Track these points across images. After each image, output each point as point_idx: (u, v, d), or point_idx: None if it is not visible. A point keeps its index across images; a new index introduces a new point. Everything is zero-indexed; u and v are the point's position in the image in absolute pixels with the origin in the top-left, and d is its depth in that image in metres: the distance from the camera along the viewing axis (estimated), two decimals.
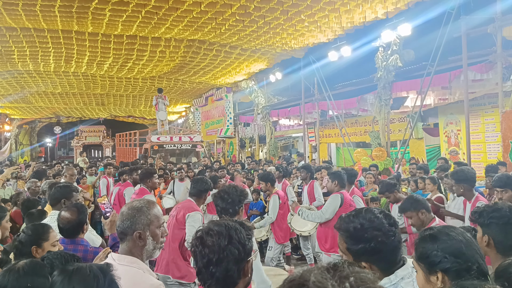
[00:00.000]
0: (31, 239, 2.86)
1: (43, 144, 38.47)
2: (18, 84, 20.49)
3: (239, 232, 1.78)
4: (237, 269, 1.73)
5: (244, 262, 1.75)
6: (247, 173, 11.19)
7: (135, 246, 2.32)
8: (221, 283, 1.74)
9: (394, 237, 1.94)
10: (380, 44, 12.12)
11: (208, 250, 1.74)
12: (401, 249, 2.01)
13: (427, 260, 1.82)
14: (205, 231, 1.80)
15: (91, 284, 1.65)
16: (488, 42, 9.83)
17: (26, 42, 13.90)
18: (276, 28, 12.59)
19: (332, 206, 5.51)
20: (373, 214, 2.00)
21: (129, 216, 2.33)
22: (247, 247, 1.77)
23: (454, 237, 1.81)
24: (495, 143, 11.31)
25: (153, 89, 21.29)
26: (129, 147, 21.39)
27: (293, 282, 0.94)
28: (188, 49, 14.93)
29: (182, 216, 4.46)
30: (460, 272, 1.74)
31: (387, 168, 11.31)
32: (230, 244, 1.73)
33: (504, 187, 4.26)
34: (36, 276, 2.04)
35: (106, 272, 1.72)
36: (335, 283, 0.90)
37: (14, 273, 2.02)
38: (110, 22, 12.09)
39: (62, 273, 1.70)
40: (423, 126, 14.14)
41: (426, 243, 1.85)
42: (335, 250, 5.56)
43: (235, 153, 23.33)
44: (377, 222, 1.95)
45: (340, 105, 14.64)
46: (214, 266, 1.72)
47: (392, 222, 1.98)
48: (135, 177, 7.69)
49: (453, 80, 10.61)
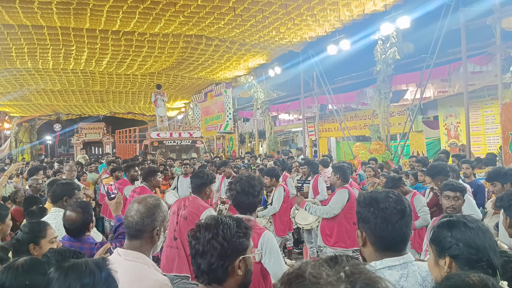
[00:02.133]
0: (28, 237, 2.85)
1: (43, 142, 38.47)
2: (17, 82, 20.46)
3: (226, 228, 1.78)
4: (222, 265, 1.74)
5: (230, 259, 1.75)
6: (246, 168, 11.18)
7: (148, 243, 2.34)
8: (206, 276, 1.76)
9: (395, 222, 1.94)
10: (379, 37, 12.09)
11: (195, 241, 1.79)
12: (404, 241, 1.99)
13: (439, 244, 1.84)
14: (198, 224, 1.84)
15: (88, 280, 1.64)
16: (487, 34, 9.80)
17: (24, 39, 13.86)
18: (274, 22, 12.56)
19: (340, 201, 5.54)
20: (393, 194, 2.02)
21: (149, 214, 2.33)
22: (234, 244, 1.77)
23: (471, 227, 1.82)
24: (495, 135, 11.32)
25: (152, 85, 21.27)
26: (129, 144, 21.42)
27: (291, 274, 0.96)
28: (187, 45, 14.90)
29: (195, 216, 4.17)
30: (469, 261, 1.75)
31: (386, 161, 11.31)
32: (214, 238, 1.75)
33: (494, 180, 4.47)
34: (35, 273, 2.04)
35: (102, 267, 1.71)
36: (330, 273, 0.92)
37: (13, 271, 2.01)
38: (108, 18, 12.07)
39: (58, 270, 1.69)
40: (423, 119, 14.13)
41: (442, 228, 1.87)
42: (340, 245, 5.58)
43: (235, 149, 23.33)
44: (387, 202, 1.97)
45: (340, 99, 14.62)
46: (200, 257, 1.76)
47: (401, 209, 1.96)
48: (133, 174, 7.68)
49: (452, 73, 10.60)
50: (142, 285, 2.14)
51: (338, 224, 5.60)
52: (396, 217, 1.93)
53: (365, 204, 2.00)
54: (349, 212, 5.56)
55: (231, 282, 1.77)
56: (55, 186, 4.19)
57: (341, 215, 5.57)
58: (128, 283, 2.13)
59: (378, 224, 1.93)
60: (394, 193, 2.03)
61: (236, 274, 1.77)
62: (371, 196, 2.02)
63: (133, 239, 2.32)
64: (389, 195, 2.00)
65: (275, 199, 6.57)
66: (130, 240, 2.33)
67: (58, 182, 4.27)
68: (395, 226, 1.93)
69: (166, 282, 2.21)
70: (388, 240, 1.95)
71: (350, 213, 5.57)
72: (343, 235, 5.58)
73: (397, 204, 1.95)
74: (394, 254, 1.96)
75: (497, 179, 4.38)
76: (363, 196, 2.05)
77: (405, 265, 1.93)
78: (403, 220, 1.94)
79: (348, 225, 5.59)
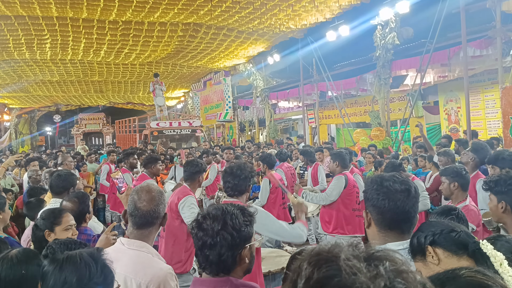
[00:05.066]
0: (45, 223, 2.92)
1: (43, 133, 38.47)
2: (15, 73, 20.38)
3: (234, 218, 1.77)
4: (232, 254, 1.73)
5: (239, 248, 1.75)
6: (248, 156, 11.17)
7: (156, 230, 2.38)
8: (215, 267, 1.75)
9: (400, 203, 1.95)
10: (378, 22, 11.99)
11: (202, 233, 1.76)
12: (407, 222, 1.99)
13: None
14: (202, 215, 1.82)
15: (83, 272, 1.62)
16: (487, 17, 9.71)
17: (21, 30, 13.78)
18: (273, 9, 12.44)
19: (337, 188, 5.51)
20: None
21: (160, 200, 2.36)
22: (243, 233, 1.76)
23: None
24: (495, 119, 11.28)
25: (150, 75, 21.18)
26: (129, 134, 21.42)
27: (320, 255, 0.85)
28: (185, 33, 14.80)
29: (175, 205, 4.29)
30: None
31: (387, 147, 11.30)
32: (224, 229, 1.73)
33: (493, 163, 4.41)
34: (29, 264, 2.04)
35: (97, 258, 1.70)
36: (367, 264, 0.81)
37: (8, 261, 2.02)
38: (105, 7, 11.97)
39: (53, 263, 1.68)
40: (423, 104, 14.08)
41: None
42: (339, 231, 5.59)
43: (235, 137, 23.31)
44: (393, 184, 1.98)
45: (339, 86, 14.55)
46: (208, 249, 1.74)
47: (405, 188, 1.96)
48: (132, 162, 7.76)
49: (452, 57, 10.53)
50: (147, 273, 2.15)
51: (337, 210, 5.58)
52: (400, 195, 1.93)
53: (371, 183, 2.02)
54: (348, 198, 5.56)
55: (238, 270, 1.79)
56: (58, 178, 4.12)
57: (339, 201, 5.55)
58: (133, 272, 2.15)
59: (380, 201, 1.94)
60: (401, 175, 2.04)
61: (243, 262, 1.78)
62: (377, 176, 2.06)
63: (142, 228, 2.32)
64: (395, 175, 2.02)
65: (260, 193, 6.47)
66: (138, 229, 2.32)
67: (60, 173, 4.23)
68: (397, 203, 1.92)
69: (170, 271, 2.22)
70: (389, 218, 1.94)
71: (348, 199, 5.56)
72: (341, 221, 5.57)
73: (401, 184, 1.96)
74: (398, 236, 1.95)
75: (496, 163, 4.35)
76: (371, 178, 2.08)
77: (410, 250, 1.92)
78: (407, 199, 1.93)
79: (347, 211, 5.57)
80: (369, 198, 2.01)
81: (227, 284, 1.76)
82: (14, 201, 6.30)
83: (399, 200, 1.92)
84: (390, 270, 0.80)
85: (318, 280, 0.81)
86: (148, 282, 2.12)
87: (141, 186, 2.42)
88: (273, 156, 7.18)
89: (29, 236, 3.41)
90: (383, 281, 0.78)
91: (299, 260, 0.88)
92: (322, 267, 0.82)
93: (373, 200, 1.97)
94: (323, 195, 5.65)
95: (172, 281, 2.18)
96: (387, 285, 0.78)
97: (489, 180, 2.82)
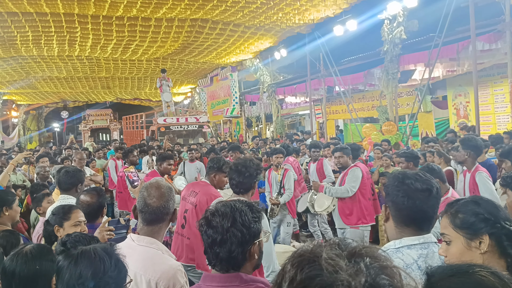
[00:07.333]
0: (55, 219, 2.97)
1: (51, 129, 38.67)
2: (23, 70, 20.49)
3: (243, 215, 1.77)
4: (242, 251, 1.73)
5: (249, 244, 1.75)
6: (255, 152, 11.15)
7: (166, 226, 2.38)
8: (225, 263, 1.75)
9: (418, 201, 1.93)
10: (386, 16, 11.89)
11: (212, 230, 1.76)
12: (425, 221, 1.96)
13: (471, 226, 1.72)
14: (211, 212, 1.81)
15: (98, 267, 1.65)
16: (496, 11, 9.61)
17: (28, 27, 13.83)
18: (280, 3, 12.40)
19: (358, 178, 5.63)
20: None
21: (170, 196, 2.37)
22: (252, 230, 1.76)
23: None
24: (505, 114, 11.17)
25: (157, 70, 21.22)
26: (136, 130, 21.46)
27: (303, 257, 0.88)
28: (192, 29, 14.79)
29: (205, 206, 3.88)
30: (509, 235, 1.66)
31: (397, 142, 11.25)
32: (233, 226, 1.73)
33: (506, 157, 4.49)
34: (44, 260, 2.07)
35: (111, 253, 1.73)
36: (348, 261, 0.84)
37: (22, 257, 2.04)
38: (112, 4, 11.98)
39: (68, 258, 1.71)
40: (432, 99, 13.97)
41: (468, 207, 1.75)
42: (363, 221, 5.63)
43: (242, 133, 23.31)
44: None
45: (347, 81, 14.47)
46: (218, 246, 1.73)
47: (427, 188, 1.95)
48: (132, 159, 7.74)
49: (461, 51, 10.43)
50: (157, 270, 2.16)
51: (358, 201, 5.65)
52: (420, 194, 1.92)
53: (393, 179, 2.02)
54: (364, 188, 5.67)
55: (247, 265, 1.79)
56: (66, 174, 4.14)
57: (358, 193, 5.64)
58: (143, 268, 2.16)
59: (399, 198, 1.94)
60: (426, 174, 2.03)
61: (253, 257, 1.78)
62: (400, 172, 2.06)
63: (152, 224, 2.32)
64: (418, 174, 2.01)
65: (287, 184, 6.72)
66: (148, 225, 2.32)
67: (68, 169, 4.25)
68: (416, 202, 1.91)
69: (179, 268, 2.22)
70: (406, 215, 1.94)
71: (364, 189, 5.68)
72: (363, 211, 5.64)
73: (423, 184, 1.95)
74: (414, 232, 1.94)
75: (508, 157, 4.32)
76: (394, 173, 2.09)
77: (426, 245, 1.90)
78: (427, 199, 1.93)
79: (365, 200, 5.67)
80: (389, 194, 2.02)
81: (237, 279, 1.76)
82: (25, 196, 6.34)
83: (419, 199, 1.91)
84: (372, 267, 0.83)
85: (301, 281, 0.84)
86: (157, 279, 2.13)
87: (150, 183, 2.42)
88: (284, 149, 7.30)
89: (39, 232, 3.45)
90: (363, 277, 0.81)
91: (284, 263, 0.91)
92: (305, 268, 0.85)
93: (393, 196, 1.97)
94: (345, 187, 5.68)
95: (181, 278, 2.18)
96: (367, 280, 0.80)
97: (506, 176, 2.84)
